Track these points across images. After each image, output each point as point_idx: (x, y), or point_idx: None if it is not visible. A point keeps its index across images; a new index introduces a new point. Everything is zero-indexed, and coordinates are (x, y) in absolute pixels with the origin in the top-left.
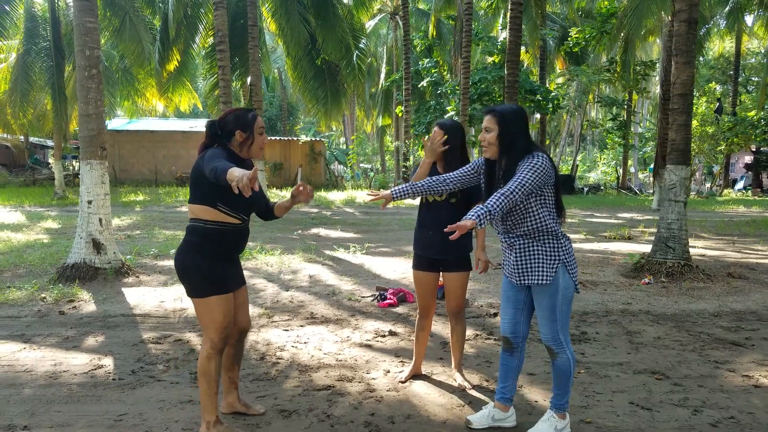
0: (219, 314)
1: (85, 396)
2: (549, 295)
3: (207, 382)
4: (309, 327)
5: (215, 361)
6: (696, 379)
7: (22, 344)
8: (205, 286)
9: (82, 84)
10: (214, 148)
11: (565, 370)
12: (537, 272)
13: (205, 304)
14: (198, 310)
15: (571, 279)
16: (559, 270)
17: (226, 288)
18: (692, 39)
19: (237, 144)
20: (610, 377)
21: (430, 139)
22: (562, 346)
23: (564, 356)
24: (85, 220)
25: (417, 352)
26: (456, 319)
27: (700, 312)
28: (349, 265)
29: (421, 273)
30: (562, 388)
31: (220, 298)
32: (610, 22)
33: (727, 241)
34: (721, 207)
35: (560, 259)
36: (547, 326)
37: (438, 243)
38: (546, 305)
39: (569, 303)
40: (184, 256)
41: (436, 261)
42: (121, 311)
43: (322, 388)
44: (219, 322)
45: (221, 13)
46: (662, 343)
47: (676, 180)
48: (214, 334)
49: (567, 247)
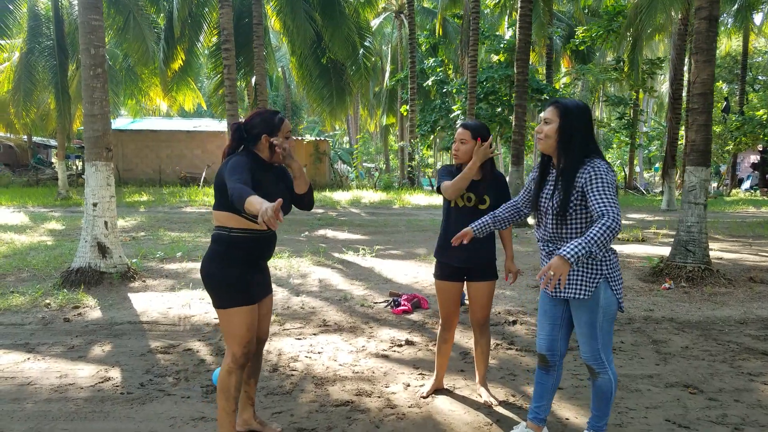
0: (242, 327)
1: (93, 412)
2: (588, 310)
3: (226, 399)
4: (322, 335)
5: (236, 376)
6: (731, 393)
7: (26, 354)
8: (230, 297)
9: (87, 83)
10: (239, 155)
11: (606, 391)
12: (575, 285)
13: (229, 315)
14: (221, 321)
15: (615, 296)
16: (600, 285)
17: (251, 299)
18: (713, 37)
19: (263, 148)
20: (642, 391)
21: (481, 146)
22: (603, 366)
23: (605, 377)
24: (90, 224)
25: (439, 365)
26: (480, 330)
27: (726, 319)
28: (359, 268)
29: (445, 283)
30: (601, 410)
31: (244, 310)
32: (617, 20)
33: (742, 243)
34: (731, 207)
35: (602, 274)
36: (587, 344)
37: (464, 251)
38: (585, 322)
39: (611, 321)
40: (209, 264)
41: (460, 270)
42: (128, 318)
43: (340, 403)
44: (242, 336)
45: (227, 11)
46: (691, 354)
47: (696, 181)
48: (237, 347)
49: (612, 262)
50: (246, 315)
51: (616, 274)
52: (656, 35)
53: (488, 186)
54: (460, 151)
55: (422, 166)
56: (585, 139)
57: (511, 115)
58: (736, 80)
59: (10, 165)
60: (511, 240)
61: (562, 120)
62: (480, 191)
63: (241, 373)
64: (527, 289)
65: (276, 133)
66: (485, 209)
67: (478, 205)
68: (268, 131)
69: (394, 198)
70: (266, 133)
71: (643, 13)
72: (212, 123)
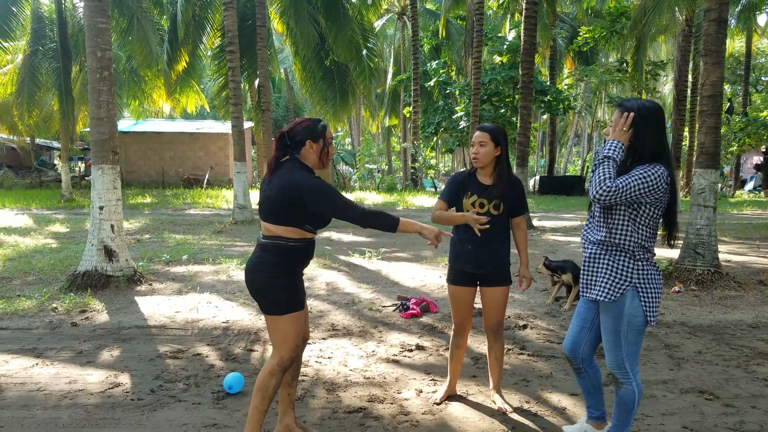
0: (293, 331)
1: (103, 419)
2: (612, 317)
3: (262, 398)
4: (331, 340)
5: (277, 379)
6: (747, 399)
7: (35, 359)
8: (286, 304)
9: (93, 86)
10: (300, 168)
11: (629, 402)
12: (600, 286)
13: (282, 321)
14: (272, 327)
15: (642, 307)
16: (628, 293)
17: (301, 304)
18: (722, 39)
19: (307, 155)
20: (657, 397)
21: (477, 212)
22: (628, 376)
23: (629, 387)
24: (96, 227)
25: (452, 371)
26: (495, 336)
27: (737, 323)
28: (366, 271)
29: (458, 288)
30: (622, 420)
31: (296, 315)
32: (620, 21)
33: (750, 245)
34: (736, 209)
35: (631, 282)
36: (611, 352)
37: (479, 257)
38: (609, 328)
39: (638, 332)
40: (263, 273)
41: (474, 275)
42: (136, 322)
43: (353, 410)
44: (292, 339)
45: (231, 13)
46: (704, 359)
47: (706, 184)
48: (286, 351)
49: (647, 273)
50: (298, 320)
51: (649, 285)
52: (660, 36)
53: (501, 191)
54: (480, 154)
55: (425, 167)
56: (655, 141)
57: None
58: (739, 81)
59: (14, 167)
60: (526, 246)
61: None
62: (492, 197)
63: (282, 376)
64: (537, 293)
65: (319, 139)
66: (498, 215)
67: (491, 211)
68: (312, 137)
69: (397, 200)
70: (310, 140)
71: (649, 15)
72: (215, 125)
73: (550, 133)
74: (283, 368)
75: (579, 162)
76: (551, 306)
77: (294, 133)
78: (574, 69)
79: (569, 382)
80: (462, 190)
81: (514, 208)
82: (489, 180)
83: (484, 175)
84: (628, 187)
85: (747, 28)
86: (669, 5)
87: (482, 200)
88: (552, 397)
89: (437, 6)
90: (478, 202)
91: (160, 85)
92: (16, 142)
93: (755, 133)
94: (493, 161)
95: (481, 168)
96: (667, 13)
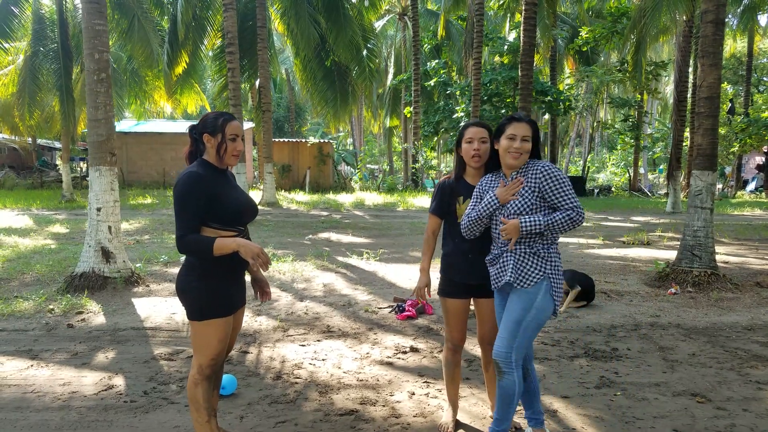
0: (214, 338)
1: (95, 421)
2: (522, 305)
3: (196, 410)
4: (326, 341)
5: (202, 388)
6: (739, 402)
7: (30, 361)
8: (204, 309)
9: (91, 88)
10: (192, 171)
11: (509, 393)
12: (515, 272)
13: (204, 327)
14: (193, 332)
15: (553, 301)
16: (542, 285)
17: (226, 310)
18: (719, 41)
19: (207, 149)
20: (649, 400)
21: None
22: (511, 366)
23: (511, 378)
24: (94, 228)
25: (453, 395)
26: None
27: (733, 325)
28: (363, 272)
29: (455, 301)
30: (502, 413)
31: (220, 322)
32: (621, 21)
33: (748, 246)
34: (737, 210)
35: (546, 273)
36: (505, 339)
37: (481, 266)
38: (513, 314)
39: (539, 326)
40: (186, 277)
41: (468, 287)
42: (132, 324)
43: (344, 412)
44: (213, 347)
45: (231, 14)
46: (698, 361)
47: (703, 186)
48: (204, 358)
49: (556, 265)
50: (221, 327)
51: (557, 279)
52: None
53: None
54: (482, 151)
55: (426, 168)
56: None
57: None
58: (741, 82)
59: (15, 167)
60: None
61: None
62: None
63: (207, 384)
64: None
65: (217, 133)
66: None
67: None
68: (210, 131)
69: (397, 200)
70: (207, 133)
71: (648, 15)
72: None
73: (551, 133)
74: (205, 376)
75: (580, 162)
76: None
77: (200, 125)
78: (575, 69)
79: (561, 385)
80: (452, 198)
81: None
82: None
83: (474, 176)
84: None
85: (749, 28)
86: (668, 6)
87: None
88: (543, 400)
89: (438, 6)
90: None
91: (160, 85)
92: (18, 143)
93: (757, 133)
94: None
95: (477, 168)
96: (665, 14)
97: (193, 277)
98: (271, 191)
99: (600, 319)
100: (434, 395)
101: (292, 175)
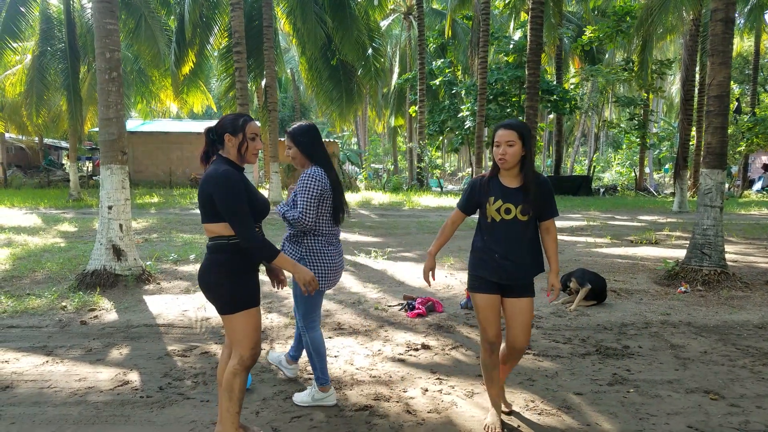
0: (250, 327)
1: (113, 416)
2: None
3: (230, 399)
4: (338, 338)
5: (240, 378)
6: (753, 400)
7: (45, 357)
8: (238, 301)
9: (102, 87)
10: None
11: (308, 348)
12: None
13: (237, 319)
14: (229, 327)
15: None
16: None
17: (256, 300)
18: (729, 39)
19: (228, 149)
20: (662, 397)
21: None
22: (305, 328)
23: (305, 337)
24: (105, 226)
25: (495, 399)
26: (517, 355)
27: (744, 324)
28: (372, 271)
29: (486, 296)
30: (312, 363)
31: (252, 312)
32: (626, 20)
33: (757, 245)
34: (744, 209)
35: (300, 254)
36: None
37: (509, 268)
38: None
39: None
40: (211, 274)
41: (496, 285)
42: (144, 321)
43: (359, 408)
44: (251, 337)
45: (238, 14)
46: (710, 359)
47: (712, 184)
48: (245, 349)
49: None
50: (255, 316)
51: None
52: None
53: (529, 194)
54: (508, 155)
55: (431, 167)
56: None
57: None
58: (747, 81)
59: (22, 166)
60: (557, 252)
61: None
62: (519, 201)
63: (245, 375)
64: (540, 293)
65: (238, 133)
66: (526, 220)
67: (518, 216)
68: (231, 131)
69: (403, 199)
70: (228, 133)
71: (655, 14)
72: None
73: (556, 132)
74: (246, 367)
75: (586, 162)
76: (558, 306)
77: (218, 127)
78: (580, 68)
79: (575, 382)
80: (483, 197)
81: (544, 212)
82: (514, 182)
83: (508, 177)
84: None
85: (756, 27)
86: (675, 5)
87: (508, 205)
88: (557, 396)
89: (443, 6)
90: (504, 208)
91: (167, 85)
92: (25, 142)
93: (763, 132)
94: (519, 161)
95: (506, 170)
96: (673, 12)
97: (222, 274)
98: (278, 190)
99: (610, 317)
100: (447, 392)
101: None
